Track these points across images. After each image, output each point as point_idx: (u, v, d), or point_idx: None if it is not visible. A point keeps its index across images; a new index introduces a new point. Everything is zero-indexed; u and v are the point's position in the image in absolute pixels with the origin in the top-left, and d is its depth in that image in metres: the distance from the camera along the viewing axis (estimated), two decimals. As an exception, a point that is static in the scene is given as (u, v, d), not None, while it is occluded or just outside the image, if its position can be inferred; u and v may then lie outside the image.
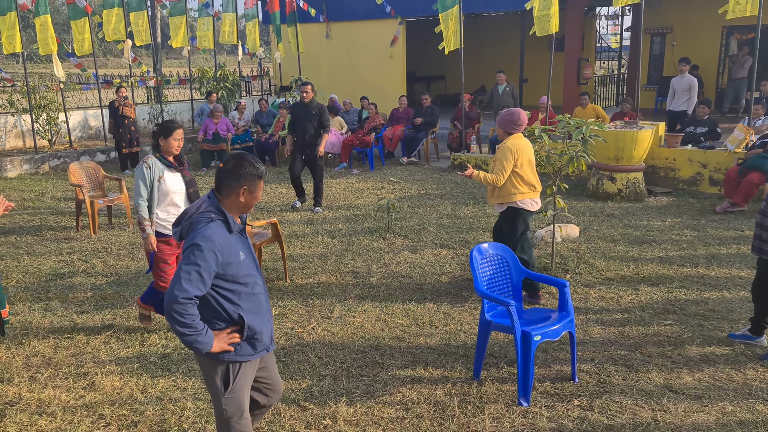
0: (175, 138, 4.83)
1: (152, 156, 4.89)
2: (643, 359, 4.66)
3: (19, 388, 4.39)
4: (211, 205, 2.95)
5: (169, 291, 2.80)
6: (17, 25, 11.79)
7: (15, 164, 12.00)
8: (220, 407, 3.08)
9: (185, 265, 2.81)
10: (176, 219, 3.10)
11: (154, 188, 4.83)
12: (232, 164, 2.97)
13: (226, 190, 2.96)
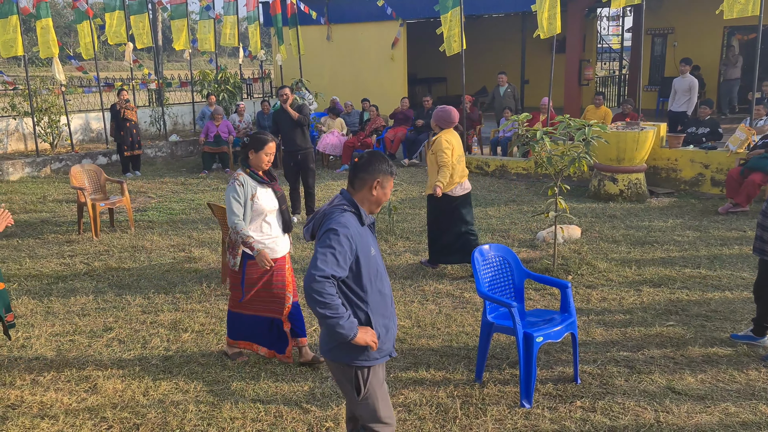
0: (267, 152, 4.44)
1: (242, 172, 4.47)
2: (645, 360, 4.65)
3: (21, 391, 4.39)
4: (344, 199, 2.98)
5: (307, 273, 2.76)
6: (19, 28, 11.82)
7: (17, 167, 12.02)
8: (357, 413, 3.04)
9: (321, 248, 2.78)
10: (307, 220, 3.08)
11: (247, 207, 4.41)
12: (366, 158, 3.03)
13: (359, 183, 2.99)
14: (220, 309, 5.76)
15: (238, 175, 4.47)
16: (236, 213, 4.40)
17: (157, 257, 7.29)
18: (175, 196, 10.48)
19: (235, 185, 4.42)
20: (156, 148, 14.08)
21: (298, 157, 8.53)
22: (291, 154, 8.57)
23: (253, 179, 4.46)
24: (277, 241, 4.54)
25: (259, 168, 4.49)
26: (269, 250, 4.46)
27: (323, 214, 2.94)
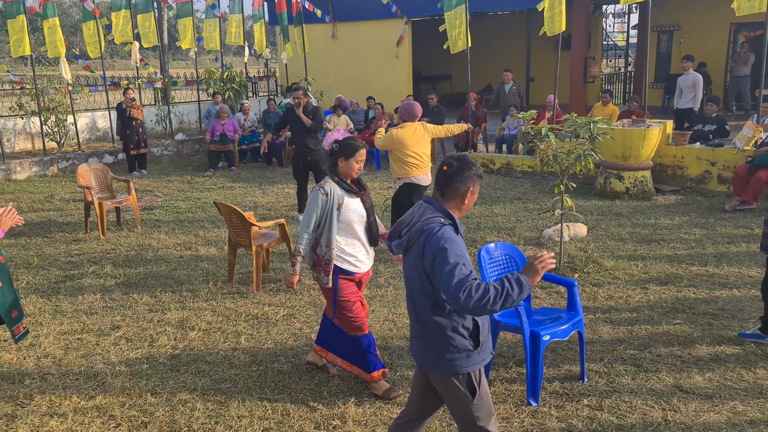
0: (358, 159, 4.17)
1: (330, 180, 4.17)
2: (652, 359, 4.64)
3: (30, 389, 4.42)
4: (437, 210, 2.87)
5: (452, 296, 2.66)
6: (26, 28, 11.86)
7: (24, 166, 12.07)
8: (471, 415, 2.96)
9: (445, 269, 2.69)
10: (391, 233, 2.99)
11: (333, 218, 4.08)
12: (457, 166, 2.90)
13: (451, 192, 2.90)
14: (226, 307, 5.78)
15: (325, 183, 4.14)
16: (310, 226, 4.10)
17: (164, 256, 7.32)
18: (182, 194, 10.51)
19: (319, 194, 4.09)
20: (162, 147, 14.12)
21: (308, 158, 8.47)
22: (301, 154, 8.53)
23: (341, 188, 4.15)
24: (365, 254, 4.26)
25: (348, 176, 4.19)
26: (357, 265, 4.20)
27: (420, 230, 2.83)
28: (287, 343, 5.05)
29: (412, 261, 2.88)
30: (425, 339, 2.93)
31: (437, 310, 2.85)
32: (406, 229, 2.92)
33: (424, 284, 2.84)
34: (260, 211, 9.19)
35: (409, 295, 3.00)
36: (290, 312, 5.67)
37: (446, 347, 2.86)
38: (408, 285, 3.00)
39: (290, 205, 9.63)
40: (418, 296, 2.90)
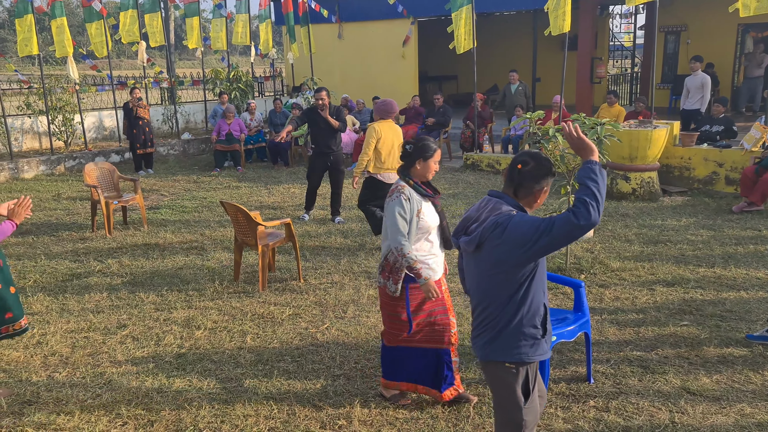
0: (435, 160, 3.93)
1: (406, 184, 3.88)
2: (659, 360, 4.62)
3: (37, 387, 4.43)
4: (509, 204, 2.87)
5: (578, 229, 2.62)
6: (34, 27, 11.91)
7: (31, 165, 12.12)
8: (518, 419, 2.96)
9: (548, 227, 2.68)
10: (456, 229, 2.97)
11: (412, 225, 3.80)
12: (533, 165, 2.89)
13: (523, 191, 2.90)
14: (232, 306, 5.79)
15: (402, 187, 3.85)
16: (402, 231, 3.76)
17: (170, 255, 7.33)
18: (188, 193, 10.54)
19: (402, 199, 3.79)
20: (168, 146, 14.15)
21: (330, 158, 8.48)
22: (323, 155, 8.50)
23: (418, 192, 3.86)
24: (437, 261, 3.97)
25: (424, 178, 3.93)
26: (430, 272, 3.89)
27: (494, 224, 2.80)
28: (293, 343, 5.06)
29: (486, 255, 2.86)
30: (494, 330, 2.93)
31: (512, 300, 2.86)
32: (475, 225, 2.91)
33: (508, 273, 2.83)
34: (266, 211, 9.20)
35: (479, 289, 2.98)
36: (296, 312, 5.67)
37: (516, 336, 2.89)
38: (476, 279, 2.99)
39: (296, 205, 9.64)
40: (493, 287, 2.90)
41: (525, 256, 2.77)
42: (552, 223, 2.68)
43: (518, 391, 2.95)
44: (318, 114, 8.36)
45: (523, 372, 2.95)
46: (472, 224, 2.93)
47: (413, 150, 3.87)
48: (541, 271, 2.90)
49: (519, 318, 2.88)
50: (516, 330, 2.89)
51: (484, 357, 3.01)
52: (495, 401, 3.09)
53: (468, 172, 11.64)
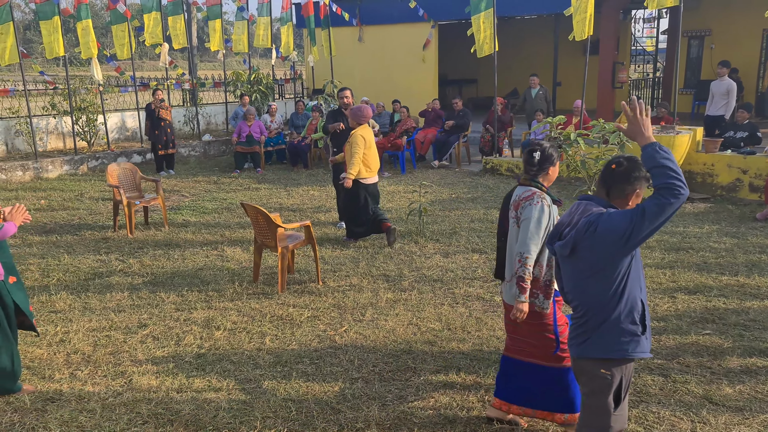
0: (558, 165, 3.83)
1: (542, 191, 3.71)
2: (681, 369, 4.57)
3: (60, 384, 4.49)
4: (600, 206, 2.92)
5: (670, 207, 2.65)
6: (60, 29, 12.09)
7: (56, 165, 12.30)
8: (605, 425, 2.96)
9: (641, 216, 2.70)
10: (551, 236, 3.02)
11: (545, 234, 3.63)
12: (626, 167, 2.92)
13: (617, 192, 2.94)
14: (251, 308, 5.83)
15: (541, 194, 3.66)
16: (537, 241, 3.59)
17: (191, 255, 7.40)
18: (208, 195, 10.62)
19: (544, 206, 3.62)
20: (189, 147, 14.28)
21: None
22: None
23: (551, 199, 3.74)
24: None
25: (551, 183, 3.80)
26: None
27: (587, 224, 2.84)
28: (311, 345, 5.07)
29: (582, 256, 2.89)
30: (592, 327, 2.95)
31: (610, 297, 2.89)
32: (567, 229, 2.94)
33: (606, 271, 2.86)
34: (285, 213, 9.24)
35: (576, 290, 3.01)
36: (314, 314, 5.69)
37: (615, 332, 2.91)
38: (572, 281, 3.01)
39: (315, 207, 9.67)
40: (591, 286, 2.92)
41: (621, 250, 2.80)
42: (643, 210, 2.70)
43: (610, 397, 2.95)
44: (343, 115, 8.28)
45: (618, 376, 2.96)
46: (564, 229, 2.97)
47: (542, 157, 3.69)
48: (637, 266, 2.92)
49: (617, 314, 2.89)
50: (614, 326, 2.91)
51: (581, 354, 3.01)
52: (584, 402, 3.08)
53: (487, 176, 11.61)
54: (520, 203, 3.69)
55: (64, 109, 13.09)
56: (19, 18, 55.41)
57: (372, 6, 17.97)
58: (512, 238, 3.74)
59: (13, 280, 4.30)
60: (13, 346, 4.27)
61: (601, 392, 2.97)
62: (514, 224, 3.73)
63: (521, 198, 3.70)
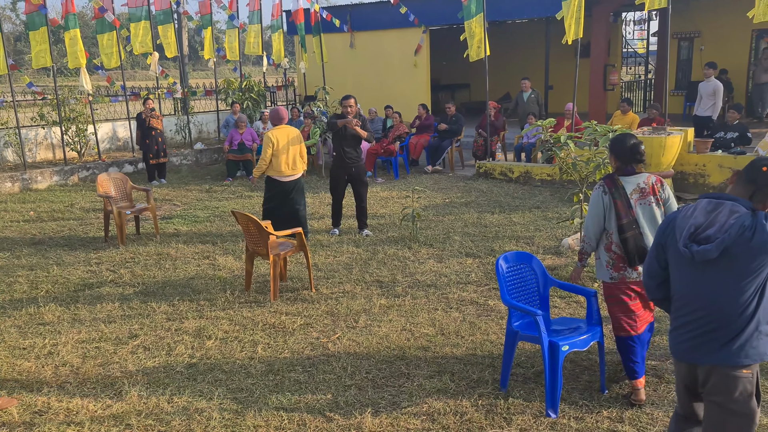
0: None
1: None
2: (673, 370, 4.53)
3: (48, 397, 4.44)
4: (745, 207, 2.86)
5: None
6: (48, 40, 12.04)
7: (45, 176, 12.23)
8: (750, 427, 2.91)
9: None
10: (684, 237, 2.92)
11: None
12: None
13: (762, 195, 2.88)
14: (243, 316, 5.78)
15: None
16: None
17: (182, 264, 7.35)
18: (200, 203, 10.57)
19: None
20: (181, 156, 14.23)
21: (352, 170, 8.25)
22: (345, 166, 8.24)
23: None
24: None
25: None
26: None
27: (741, 227, 2.76)
28: (304, 353, 5.03)
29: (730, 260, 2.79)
30: (727, 334, 2.86)
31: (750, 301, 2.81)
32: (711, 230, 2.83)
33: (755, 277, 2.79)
34: (278, 220, 9.19)
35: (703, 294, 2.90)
36: (307, 321, 5.65)
37: (756, 337, 2.84)
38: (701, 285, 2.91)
39: (307, 214, 9.60)
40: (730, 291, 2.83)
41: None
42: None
43: (753, 399, 2.89)
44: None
45: (755, 377, 2.90)
46: (703, 232, 2.86)
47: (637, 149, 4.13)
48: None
49: (756, 318, 2.83)
50: (755, 330, 2.84)
51: (717, 361, 2.90)
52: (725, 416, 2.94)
53: (480, 181, 11.60)
54: (654, 187, 4.14)
55: (53, 119, 13.03)
56: (10, 30, 55.33)
57: (363, 12, 17.99)
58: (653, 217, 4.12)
59: None
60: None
61: (748, 395, 2.88)
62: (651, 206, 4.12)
63: (653, 183, 4.15)
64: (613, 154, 4.21)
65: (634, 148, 4.09)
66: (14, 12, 60.59)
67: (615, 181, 4.15)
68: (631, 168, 4.15)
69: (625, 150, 4.11)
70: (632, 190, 4.12)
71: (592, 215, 4.21)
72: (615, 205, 4.11)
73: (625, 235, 4.08)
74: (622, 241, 4.09)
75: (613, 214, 4.11)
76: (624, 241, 4.08)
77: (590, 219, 4.23)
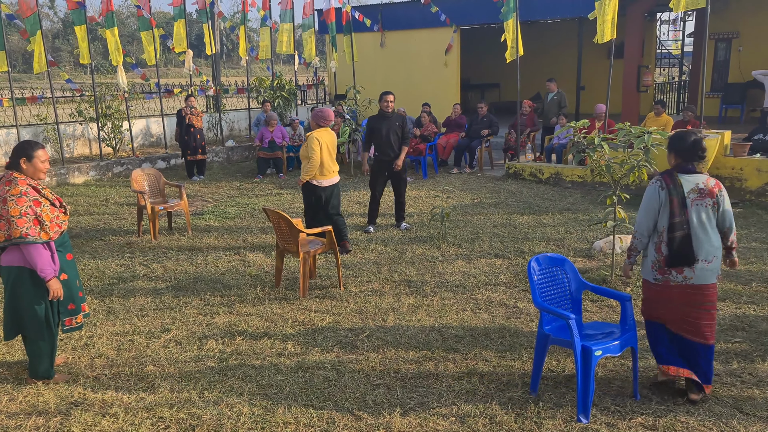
0: None
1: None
2: (709, 378, 4.45)
3: (84, 388, 4.53)
4: None
5: None
6: (87, 37, 12.28)
7: (82, 171, 12.48)
8: None
9: None
10: None
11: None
12: None
13: None
14: (273, 313, 5.83)
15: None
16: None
17: (213, 260, 7.43)
18: (231, 200, 10.69)
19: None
20: (213, 153, 14.40)
21: (391, 166, 8.29)
22: (385, 162, 8.28)
23: None
24: None
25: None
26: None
27: None
28: (333, 350, 5.05)
29: None
30: None
31: None
32: None
33: None
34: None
35: None
36: (336, 319, 5.67)
37: None
38: None
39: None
40: None
41: None
42: None
43: None
44: (382, 119, 8.19)
45: None
46: None
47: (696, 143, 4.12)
48: None
49: None
50: None
51: None
52: None
53: (510, 181, 11.52)
54: (713, 190, 4.05)
55: (90, 115, 13.29)
56: (48, 27, 56.52)
57: (394, 11, 17.99)
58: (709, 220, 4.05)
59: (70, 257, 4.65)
60: (55, 334, 4.58)
61: None
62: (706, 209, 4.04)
63: (713, 185, 4.07)
64: (673, 151, 4.15)
65: (696, 145, 4.01)
66: (52, 9, 61.88)
67: (674, 178, 4.06)
68: (692, 166, 4.06)
69: (686, 146, 4.05)
70: (690, 189, 4.03)
71: (647, 209, 4.12)
72: (671, 202, 4.02)
73: (674, 234, 4.00)
74: (670, 240, 4.01)
75: (667, 212, 4.03)
76: (671, 240, 4.01)
77: (643, 213, 4.14)
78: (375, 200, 8.53)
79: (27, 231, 4.20)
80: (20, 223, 4.19)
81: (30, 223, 4.23)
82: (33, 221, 4.25)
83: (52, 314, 4.53)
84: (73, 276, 4.67)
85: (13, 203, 4.20)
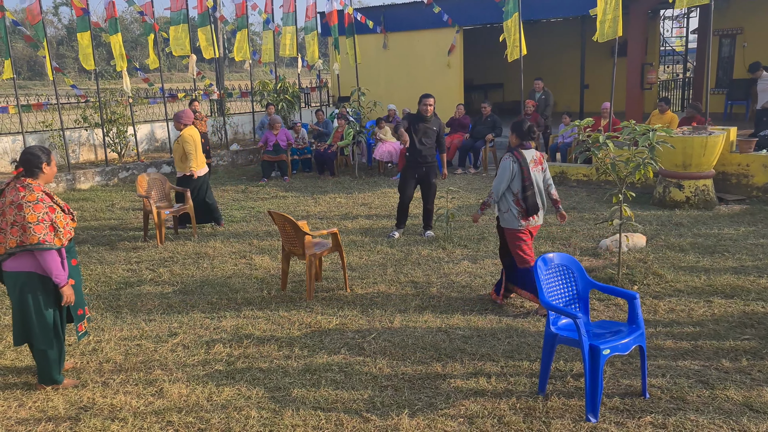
0: None
1: None
2: (719, 375, 4.44)
3: (93, 393, 4.54)
4: None
5: None
6: (91, 43, 12.33)
7: (88, 176, 12.52)
8: None
9: None
10: None
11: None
12: None
13: None
14: (280, 316, 5.83)
15: None
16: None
17: (219, 264, 7.45)
18: (236, 203, 10.70)
19: None
20: (217, 157, 14.42)
21: (422, 169, 8.05)
22: (417, 164, 8.03)
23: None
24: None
25: None
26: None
27: None
28: (340, 353, 5.05)
29: None
30: None
31: None
32: None
33: None
34: (312, 221, 9.27)
35: None
36: (343, 321, 5.67)
37: None
38: None
39: (341, 214, 9.67)
40: None
41: None
42: None
43: None
44: (420, 122, 7.98)
45: None
46: None
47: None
48: None
49: None
50: None
51: None
52: None
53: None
54: (540, 159, 5.71)
55: (95, 121, 13.34)
56: (52, 34, 56.77)
57: (396, 13, 18.00)
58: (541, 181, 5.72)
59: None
60: (62, 339, 4.61)
61: None
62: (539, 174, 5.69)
63: (539, 156, 5.70)
64: (515, 133, 5.64)
65: (530, 129, 5.59)
66: (56, 17, 62.19)
67: (521, 153, 5.58)
68: (528, 144, 5.65)
69: (523, 131, 5.59)
70: (530, 160, 5.59)
71: (502, 178, 5.57)
72: (522, 170, 5.53)
73: (527, 194, 5.54)
74: (524, 198, 5.54)
75: (520, 177, 5.53)
76: (525, 198, 5.54)
77: (499, 180, 5.59)
78: (404, 204, 8.27)
79: (44, 237, 4.23)
80: (38, 229, 4.21)
81: (47, 230, 4.26)
82: (49, 227, 4.28)
83: (60, 320, 4.55)
84: (78, 282, 4.72)
85: (30, 209, 4.22)
